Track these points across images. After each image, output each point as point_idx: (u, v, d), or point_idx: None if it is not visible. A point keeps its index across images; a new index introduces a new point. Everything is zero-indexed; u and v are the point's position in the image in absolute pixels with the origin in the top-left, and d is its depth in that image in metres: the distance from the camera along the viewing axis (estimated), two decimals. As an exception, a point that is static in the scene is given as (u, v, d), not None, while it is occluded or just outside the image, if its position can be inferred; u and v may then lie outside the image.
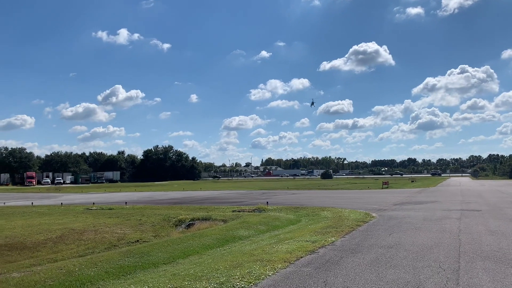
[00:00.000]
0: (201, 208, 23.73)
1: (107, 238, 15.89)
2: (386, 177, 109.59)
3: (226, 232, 13.36)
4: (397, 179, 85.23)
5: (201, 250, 10.65)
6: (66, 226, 17.33)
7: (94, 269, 8.29)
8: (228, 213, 20.18)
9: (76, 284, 7.40)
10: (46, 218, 20.34)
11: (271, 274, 7.04)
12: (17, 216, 21.88)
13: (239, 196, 37.29)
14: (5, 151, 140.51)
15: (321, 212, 19.11)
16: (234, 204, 26.22)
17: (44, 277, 7.62)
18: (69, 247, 14.34)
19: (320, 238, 10.76)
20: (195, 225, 18.21)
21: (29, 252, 13.37)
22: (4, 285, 7.04)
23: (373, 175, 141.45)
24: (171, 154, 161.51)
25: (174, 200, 33.81)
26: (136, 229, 17.44)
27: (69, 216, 21.38)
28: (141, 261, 9.13)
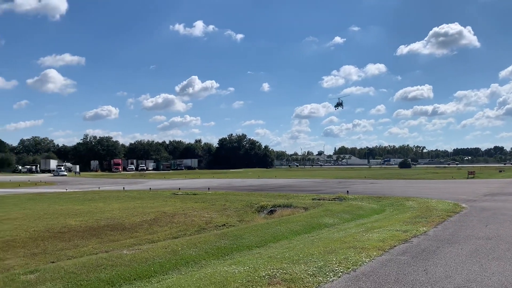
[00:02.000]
0: (280, 195, 24.14)
1: (196, 221, 16.81)
2: (452, 167, 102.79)
3: (311, 219, 13.53)
4: (482, 169, 79.51)
5: (289, 235, 10.93)
6: (158, 210, 18.59)
7: (194, 249, 8.90)
8: (308, 201, 20.33)
9: (181, 262, 8.02)
10: (139, 202, 21.94)
11: (367, 261, 7.10)
12: (112, 199, 23.85)
13: (315, 185, 37.26)
14: (94, 139, 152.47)
15: (406, 202, 18.57)
16: (312, 192, 26.30)
17: (152, 255, 8.34)
18: (163, 229, 15.40)
19: (411, 228, 10.54)
20: (276, 211, 18.61)
21: (128, 233, 14.56)
22: (120, 260, 7.83)
23: (454, 165, 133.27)
24: (244, 143, 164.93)
25: (252, 187, 34.66)
26: (222, 214, 18.24)
27: (159, 200, 22.87)
28: (235, 243, 9.61)
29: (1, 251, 11.41)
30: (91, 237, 13.61)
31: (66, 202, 22.14)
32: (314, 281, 5.91)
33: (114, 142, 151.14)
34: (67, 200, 23.71)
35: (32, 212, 17.80)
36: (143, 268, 7.49)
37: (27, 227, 14.08)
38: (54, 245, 12.42)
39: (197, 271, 7.38)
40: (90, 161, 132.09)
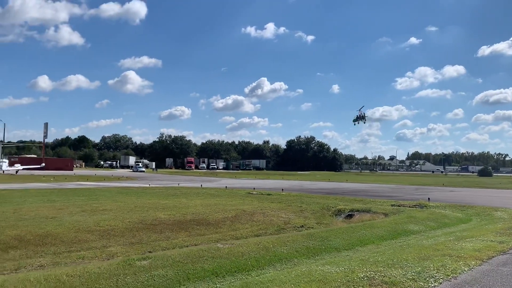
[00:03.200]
0: (355, 200, 23.88)
1: (275, 221, 17.24)
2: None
3: (395, 225, 13.35)
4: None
5: (375, 240, 10.92)
6: (238, 208, 19.26)
7: (285, 248, 9.25)
8: (387, 206, 19.95)
9: (275, 258, 8.40)
10: (218, 199, 22.86)
11: (466, 269, 6.97)
12: (193, 196, 25.05)
13: (390, 191, 36.23)
14: (169, 138, 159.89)
15: (494, 213, 17.61)
16: (388, 198, 25.66)
17: (247, 250, 8.81)
18: (244, 226, 15.99)
19: (507, 239, 10.07)
20: (355, 216, 18.49)
21: (213, 228, 15.31)
22: (219, 253, 8.37)
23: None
24: (313, 145, 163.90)
25: (324, 190, 34.52)
26: (299, 215, 18.50)
27: (236, 198, 23.65)
28: (323, 244, 9.83)
29: (104, 239, 12.57)
30: (180, 230, 14.51)
31: (152, 197, 23.66)
32: (415, 285, 5.96)
33: (187, 141, 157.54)
34: (152, 194, 25.31)
35: (123, 205, 19.27)
36: (241, 262, 7.96)
37: (123, 218, 15.31)
38: (148, 236, 13.43)
39: (292, 268, 7.71)
40: (165, 159, 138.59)
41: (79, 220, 14.46)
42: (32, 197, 21.77)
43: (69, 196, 23.07)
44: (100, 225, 13.96)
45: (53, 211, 16.48)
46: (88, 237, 12.52)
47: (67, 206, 18.30)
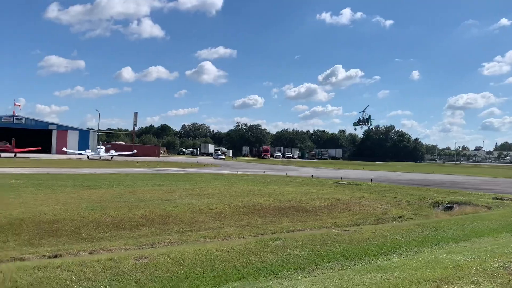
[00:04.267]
0: (451, 192, 23.07)
1: (371, 211, 17.35)
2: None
3: (506, 218, 12.94)
4: None
5: (490, 232, 10.72)
6: (331, 196, 19.63)
7: (401, 236, 9.50)
8: (488, 199, 19.14)
9: (395, 246, 8.69)
10: (308, 188, 23.37)
11: None
12: (283, 183, 25.83)
13: (484, 183, 34.31)
14: (245, 127, 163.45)
15: None
16: (484, 191, 24.41)
17: (365, 236, 9.21)
18: (342, 215, 16.33)
19: None
20: (454, 208, 18.01)
21: (312, 215, 15.84)
22: (340, 238, 8.86)
23: None
24: (392, 134, 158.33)
25: (413, 181, 33.60)
26: (395, 206, 18.41)
27: (325, 187, 24.01)
28: (438, 235, 9.91)
29: (217, 221, 13.62)
30: (282, 215, 15.22)
31: (245, 183, 24.78)
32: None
33: (263, 130, 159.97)
34: (243, 181, 26.49)
35: (223, 190, 20.49)
36: (363, 247, 8.37)
37: (228, 203, 16.39)
38: (255, 219, 14.30)
39: (416, 256, 7.97)
40: (240, 147, 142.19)
41: (191, 203, 15.75)
42: (139, 181, 23.86)
43: (171, 180, 24.95)
44: (210, 208, 15.11)
45: (164, 194, 18.06)
46: (202, 219, 13.65)
47: (173, 190, 19.89)
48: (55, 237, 10.64)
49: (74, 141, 78.97)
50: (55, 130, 79.82)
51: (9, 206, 13.32)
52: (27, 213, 12.42)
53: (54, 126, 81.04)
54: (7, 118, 76.95)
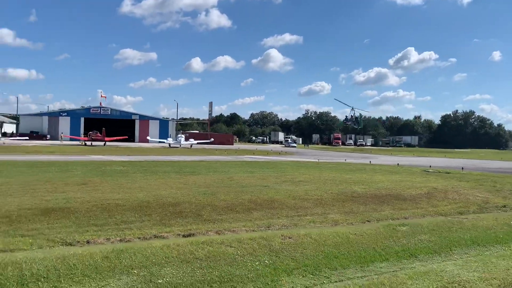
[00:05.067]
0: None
1: (471, 200, 16.88)
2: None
3: None
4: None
5: None
6: (426, 185, 19.33)
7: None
8: None
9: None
10: (398, 176, 23.11)
11: None
12: (370, 171, 25.73)
13: None
14: (314, 114, 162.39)
15: None
16: None
17: (488, 224, 9.20)
18: (442, 203, 16.06)
19: None
20: None
21: (411, 203, 15.77)
22: (462, 225, 8.94)
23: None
24: (472, 120, 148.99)
25: (505, 169, 31.80)
26: (496, 195, 17.72)
27: (416, 176, 23.58)
28: None
29: (319, 207, 14.09)
30: (381, 203, 15.33)
31: (331, 171, 25.06)
32: None
33: (333, 117, 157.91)
34: (328, 169, 26.76)
35: (313, 178, 20.93)
36: (490, 235, 8.42)
37: (324, 190, 16.81)
38: (356, 207, 14.56)
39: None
40: (309, 135, 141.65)
41: (290, 189, 16.39)
42: (230, 168, 25.04)
43: (259, 168, 25.88)
44: (309, 194, 15.64)
45: (259, 181, 18.91)
46: (305, 204, 14.19)
47: (266, 176, 20.70)
48: (181, 218, 11.71)
49: (155, 130, 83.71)
50: (138, 120, 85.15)
51: (132, 191, 14.81)
52: (149, 196, 13.76)
53: (137, 116, 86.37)
54: (95, 109, 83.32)
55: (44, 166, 21.73)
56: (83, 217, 10.98)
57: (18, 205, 11.72)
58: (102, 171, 20.46)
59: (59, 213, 11.25)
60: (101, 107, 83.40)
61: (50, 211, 11.37)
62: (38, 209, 11.51)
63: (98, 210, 11.77)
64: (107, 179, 17.69)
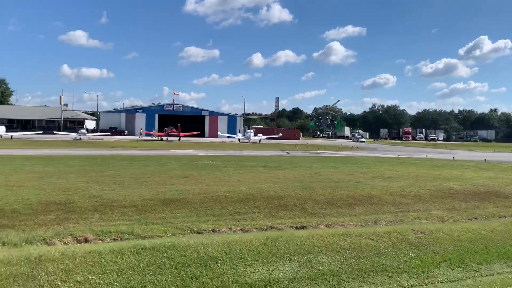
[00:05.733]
0: None
1: None
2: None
3: None
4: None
5: None
6: (527, 182, 18.39)
7: None
8: None
9: None
10: (491, 173, 22.17)
11: None
12: (458, 167, 24.85)
13: None
14: (381, 108, 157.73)
15: None
16: None
17: None
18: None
19: None
20: None
21: (511, 201, 15.18)
22: None
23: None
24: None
25: None
26: None
27: (510, 172, 22.46)
28: None
29: (419, 203, 13.97)
30: (482, 200, 14.85)
31: (417, 167, 24.53)
32: None
33: (401, 111, 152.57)
34: (413, 165, 26.21)
35: (401, 174, 20.66)
36: None
37: (419, 186, 16.61)
38: (458, 204, 14.15)
39: None
40: (376, 129, 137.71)
41: (384, 185, 16.38)
42: (313, 163, 25.36)
43: (341, 163, 25.95)
44: (405, 190, 15.55)
45: (349, 176, 19.02)
46: (404, 201, 14.16)
47: (353, 172, 20.77)
48: (288, 210, 12.22)
49: (224, 125, 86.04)
50: (208, 116, 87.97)
51: (232, 184, 15.61)
52: (252, 190, 14.44)
53: (207, 112, 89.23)
54: (168, 106, 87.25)
55: (141, 160, 23.40)
56: (199, 208, 11.84)
57: (139, 196, 12.85)
58: (195, 165, 21.63)
59: (177, 203, 12.21)
60: (173, 104, 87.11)
61: (168, 201, 12.37)
62: (158, 199, 12.56)
63: (210, 201, 12.61)
64: (202, 172, 18.72)
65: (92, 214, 10.74)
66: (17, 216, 10.24)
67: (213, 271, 5.44)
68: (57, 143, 44.91)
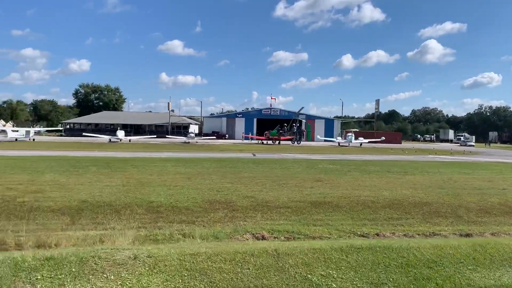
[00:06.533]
0: None
1: None
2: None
3: None
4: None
5: None
6: None
7: None
8: None
9: None
10: None
11: None
12: None
13: None
14: (489, 110, 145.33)
15: None
16: None
17: None
18: None
19: None
20: None
21: None
22: None
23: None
24: None
25: None
26: None
27: None
28: None
29: None
30: None
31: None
32: None
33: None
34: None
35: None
36: None
37: None
38: None
39: None
40: (484, 132, 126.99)
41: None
42: (439, 168, 24.29)
43: (463, 168, 24.46)
44: None
45: (487, 183, 17.90)
46: None
47: (490, 178, 19.53)
48: (442, 217, 11.85)
49: (321, 129, 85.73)
50: (304, 120, 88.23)
51: (372, 188, 15.61)
52: (395, 195, 14.29)
53: (304, 116, 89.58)
54: (266, 110, 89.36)
55: (265, 163, 24.34)
56: (351, 212, 12.05)
57: (288, 198, 13.44)
58: (319, 169, 21.94)
59: (326, 206, 12.55)
60: (271, 108, 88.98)
61: (317, 204, 12.77)
62: (306, 202, 13.02)
63: (358, 205, 12.76)
64: (331, 176, 18.92)
65: (254, 213, 11.51)
66: (191, 213, 11.35)
67: (438, 273, 5.60)
68: (174, 147, 48.37)
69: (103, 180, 15.92)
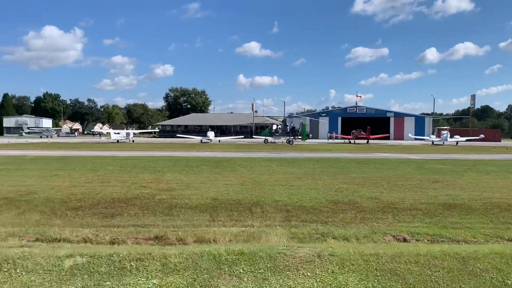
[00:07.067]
0: None
1: None
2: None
3: None
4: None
5: None
6: None
7: None
8: None
9: None
10: None
11: None
12: None
13: None
14: None
15: None
16: None
17: None
18: None
19: None
20: None
21: None
22: None
23: None
24: None
25: None
26: None
27: None
28: None
29: None
30: None
31: None
32: None
33: None
34: None
35: None
36: None
37: None
38: None
39: None
40: None
41: None
42: None
43: None
44: None
45: None
46: None
47: None
48: None
49: (410, 127, 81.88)
50: (393, 117, 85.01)
51: (500, 190, 14.54)
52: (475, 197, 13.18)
53: (392, 113, 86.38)
54: (351, 109, 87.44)
55: (368, 163, 23.77)
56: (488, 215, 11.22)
57: (414, 200, 12.93)
58: (429, 169, 20.95)
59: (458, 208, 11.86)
60: (356, 107, 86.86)
61: (447, 206, 12.11)
62: (435, 204, 12.42)
63: (494, 208, 11.92)
64: (446, 177, 17.99)
65: (384, 215, 11.21)
66: (320, 213, 11.35)
67: None
68: (262, 146, 49.16)
69: (219, 179, 16.59)
